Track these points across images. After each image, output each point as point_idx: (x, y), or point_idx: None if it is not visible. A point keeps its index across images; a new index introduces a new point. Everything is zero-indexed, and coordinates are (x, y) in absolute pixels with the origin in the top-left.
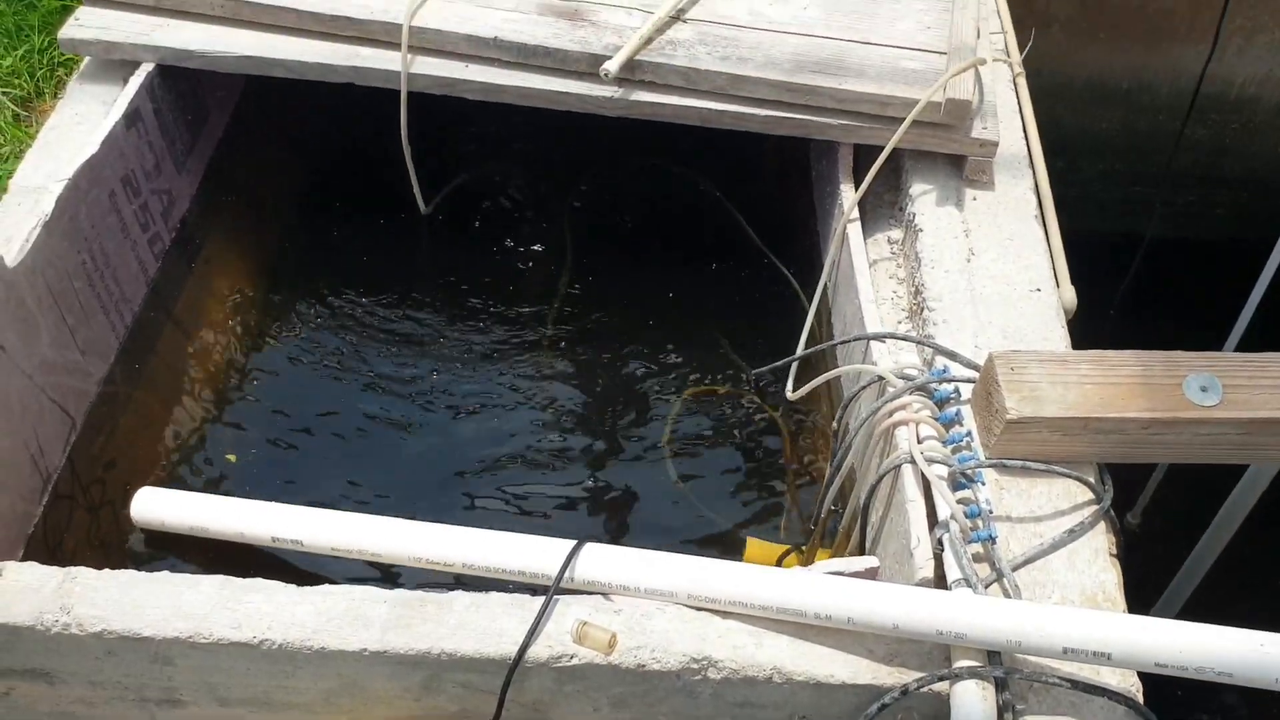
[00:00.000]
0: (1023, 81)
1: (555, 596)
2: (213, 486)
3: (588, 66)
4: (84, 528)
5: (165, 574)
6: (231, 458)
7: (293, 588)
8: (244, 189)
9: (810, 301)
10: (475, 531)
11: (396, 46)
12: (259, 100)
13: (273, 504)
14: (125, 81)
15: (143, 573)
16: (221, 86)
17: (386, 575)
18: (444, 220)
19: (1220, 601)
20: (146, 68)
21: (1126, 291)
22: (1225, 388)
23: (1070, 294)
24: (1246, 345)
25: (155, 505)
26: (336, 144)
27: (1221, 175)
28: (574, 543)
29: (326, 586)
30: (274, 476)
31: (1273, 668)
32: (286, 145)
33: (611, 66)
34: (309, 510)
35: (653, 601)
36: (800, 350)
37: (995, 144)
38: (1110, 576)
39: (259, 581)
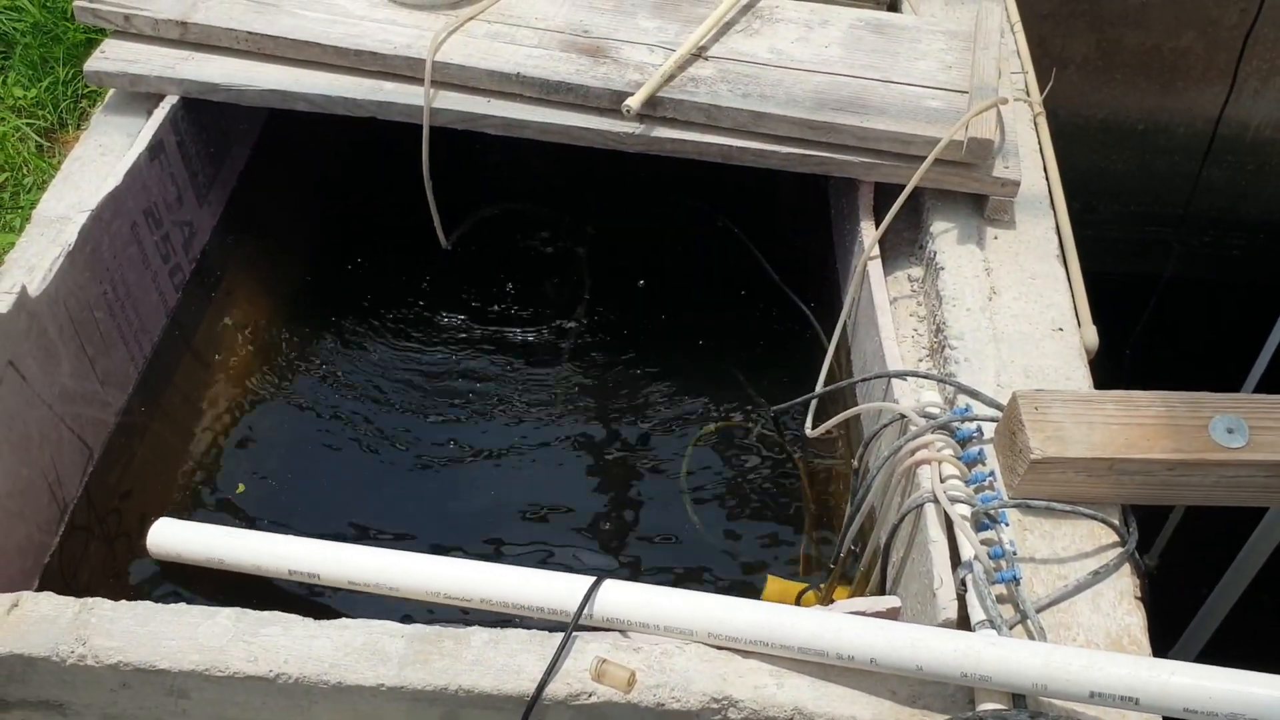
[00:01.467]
0: (1043, 121)
1: (574, 633)
2: (229, 518)
3: (610, 103)
4: (100, 559)
5: (182, 606)
6: (241, 488)
7: (310, 621)
8: (265, 222)
9: (829, 339)
10: (493, 567)
11: (419, 81)
12: (281, 133)
13: (289, 537)
14: (149, 114)
15: (159, 604)
16: (244, 119)
17: (404, 609)
18: (463, 255)
19: (1240, 645)
20: (171, 100)
21: (1143, 332)
22: (1252, 429)
23: (1092, 334)
24: (1265, 387)
25: (172, 537)
26: (357, 177)
27: (1238, 217)
28: (593, 579)
29: (344, 620)
30: (290, 509)
31: None
32: (308, 178)
33: (634, 103)
34: (326, 544)
35: (672, 640)
36: (820, 387)
37: (1017, 183)
38: (1135, 620)
39: (276, 614)
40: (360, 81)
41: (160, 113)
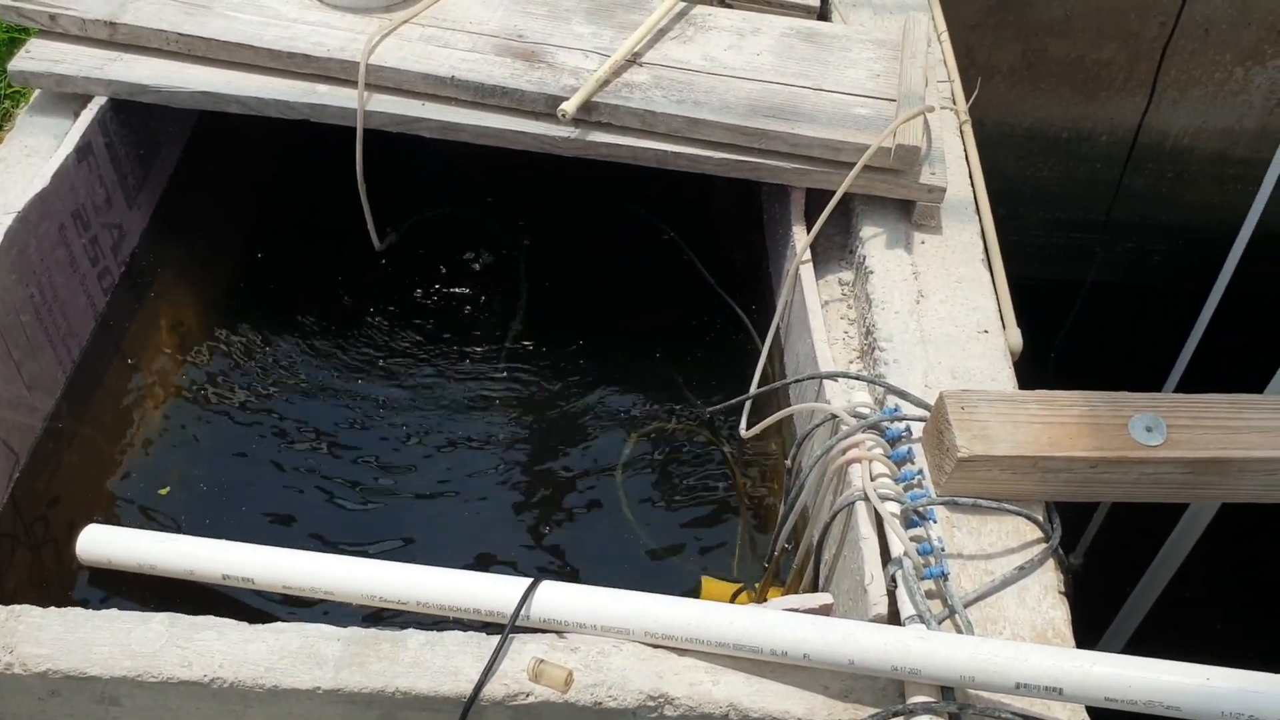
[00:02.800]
0: (969, 129)
1: (511, 634)
2: (160, 523)
3: (545, 107)
4: (27, 566)
5: (113, 612)
6: (165, 491)
7: (245, 625)
8: (196, 224)
9: (763, 341)
10: (430, 569)
11: (353, 84)
12: (212, 135)
13: (223, 542)
14: (76, 115)
15: (89, 611)
16: (174, 121)
17: (341, 612)
18: (398, 258)
19: (1163, 638)
20: (99, 101)
21: (1067, 335)
22: (1169, 428)
23: (1017, 336)
24: (1184, 388)
25: (102, 543)
26: (291, 180)
27: (1158, 223)
28: (530, 581)
29: (279, 624)
30: (223, 513)
31: (1219, 702)
32: (240, 180)
33: (569, 107)
34: (260, 548)
35: (609, 639)
36: (754, 389)
37: (943, 189)
38: (1060, 613)
39: (210, 619)
40: (293, 84)
41: (88, 114)
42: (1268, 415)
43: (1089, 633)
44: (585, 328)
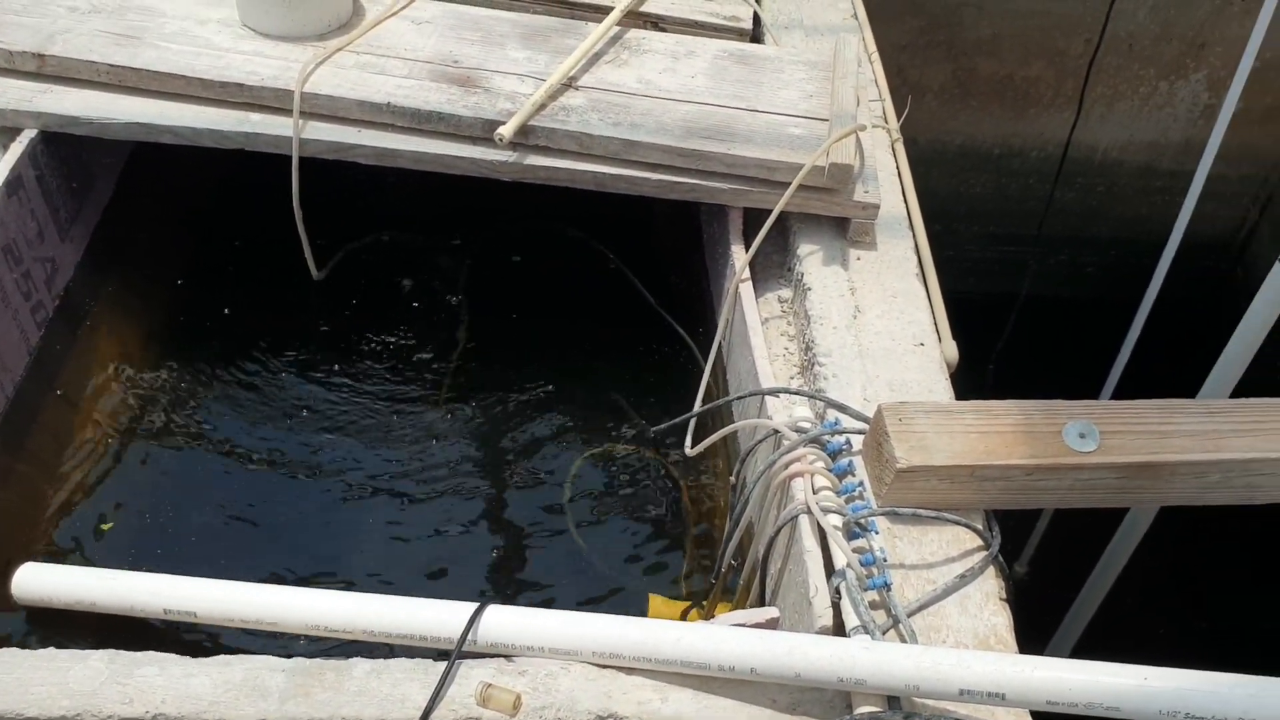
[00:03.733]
0: (901, 147)
1: (459, 660)
2: (98, 560)
3: (482, 131)
4: None
5: (50, 650)
6: (106, 526)
7: (187, 659)
8: (131, 256)
9: (706, 359)
10: (375, 598)
11: (288, 112)
12: (146, 166)
13: (164, 576)
14: (6, 148)
15: (25, 650)
16: (108, 153)
17: (286, 643)
18: (338, 286)
19: (1108, 642)
20: (29, 134)
21: (1004, 347)
22: (1102, 434)
23: (952, 348)
24: (1119, 396)
25: (39, 581)
26: (229, 210)
27: (1090, 236)
28: (476, 605)
29: (223, 657)
30: (167, 547)
31: (1156, 701)
32: (176, 211)
33: (506, 131)
34: (203, 582)
35: (557, 661)
36: (697, 407)
37: (877, 206)
38: (1001, 620)
39: (151, 654)
40: (227, 113)
41: (18, 147)
42: (1197, 420)
43: (1036, 640)
44: (528, 351)
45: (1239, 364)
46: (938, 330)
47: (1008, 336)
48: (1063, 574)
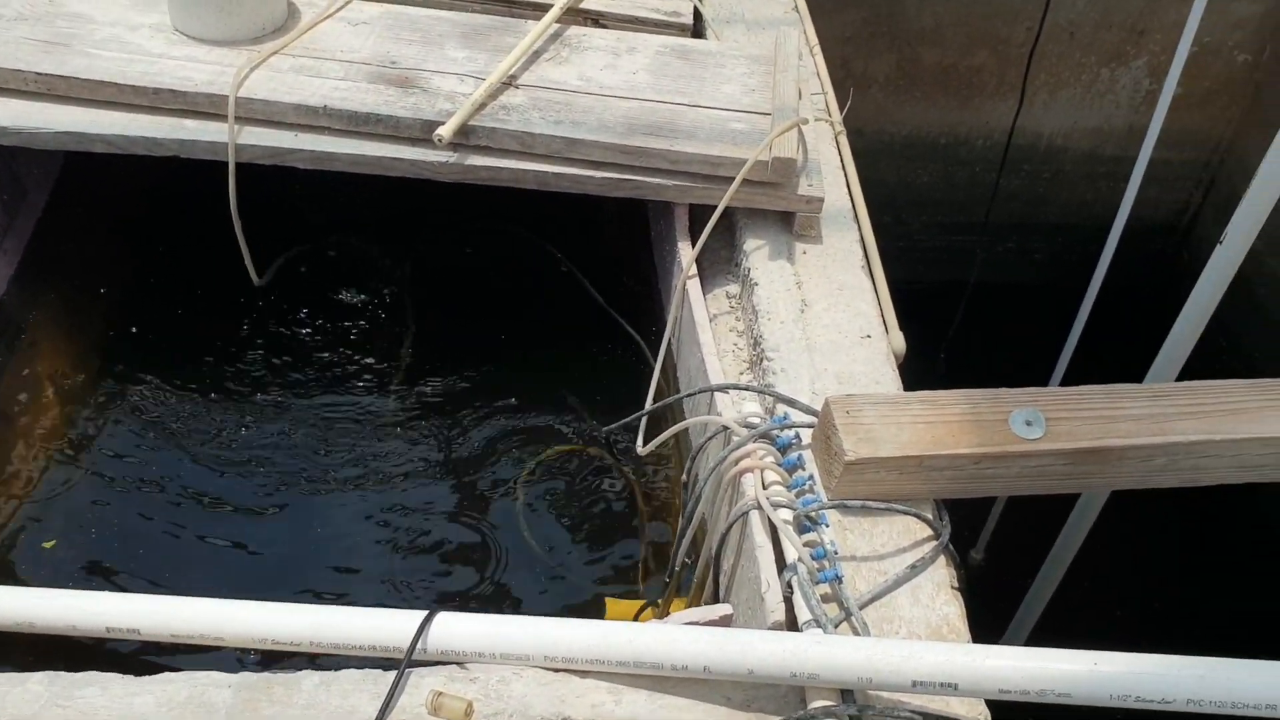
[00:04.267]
0: (844, 139)
1: (409, 669)
2: (41, 579)
3: (421, 132)
4: None
5: None
6: (51, 544)
7: (130, 678)
8: (67, 268)
9: (655, 357)
10: (323, 608)
11: (223, 118)
12: (81, 176)
13: (104, 593)
14: None
15: None
16: (39, 164)
17: (233, 658)
18: (281, 292)
19: (1065, 628)
20: None
21: (954, 336)
22: (1048, 421)
23: (899, 339)
24: (1069, 382)
25: None
26: (166, 217)
27: (1037, 223)
28: (425, 613)
29: (167, 674)
30: (107, 564)
31: (1107, 685)
32: (112, 221)
33: (445, 132)
34: (144, 597)
35: (510, 666)
36: (648, 406)
37: (821, 200)
38: (953, 609)
39: (93, 674)
40: (161, 120)
41: None
42: (1142, 404)
43: (994, 626)
44: (477, 355)
45: (1185, 347)
46: (884, 322)
47: (958, 324)
48: (1019, 559)
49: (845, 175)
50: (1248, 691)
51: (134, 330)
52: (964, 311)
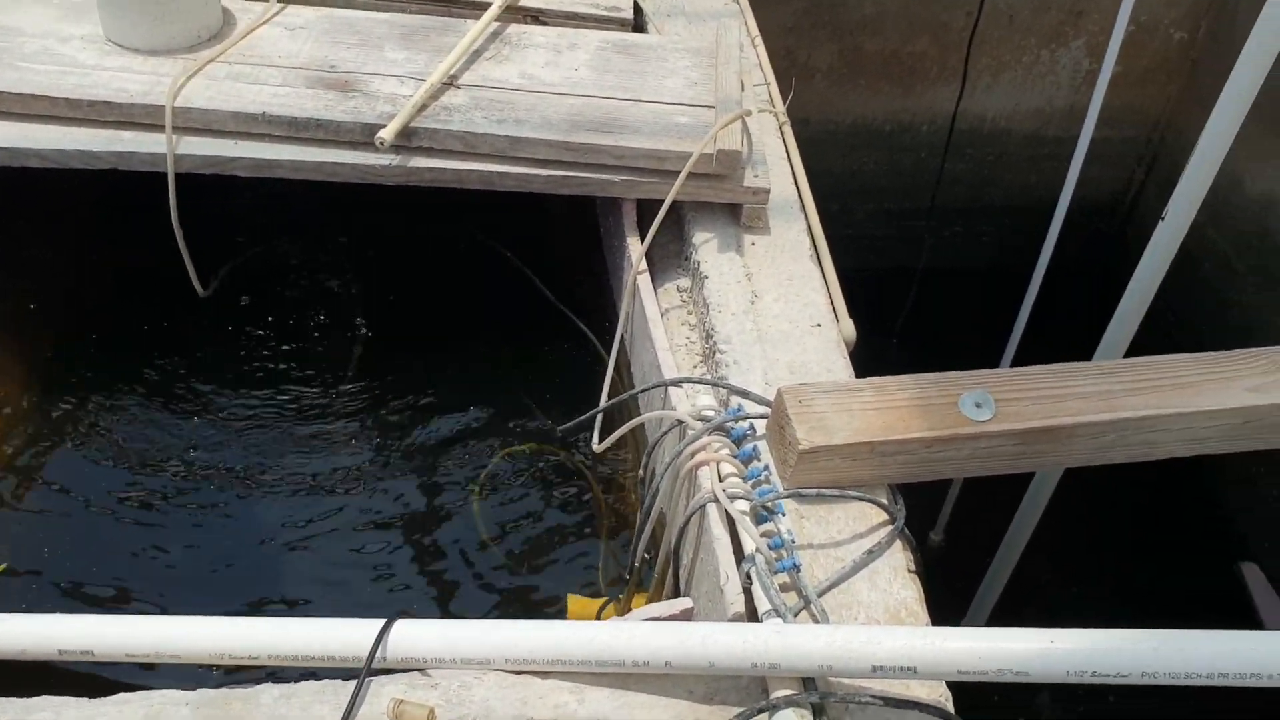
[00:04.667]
0: (789, 130)
1: (369, 678)
2: None
3: (362, 136)
4: None
5: None
6: (2, 568)
7: (84, 700)
8: (7, 287)
9: (609, 354)
10: (278, 620)
11: (160, 129)
12: (17, 192)
13: (54, 616)
14: None
15: None
16: None
17: (191, 674)
18: (228, 301)
19: (1025, 606)
20: None
21: (906, 321)
22: (998, 402)
23: (849, 326)
24: (1020, 361)
25: None
26: (108, 231)
27: (983, 206)
28: (383, 620)
29: (122, 695)
30: (59, 584)
31: (1063, 662)
32: (53, 237)
33: (386, 135)
34: (97, 618)
35: (471, 671)
36: (603, 403)
37: (767, 191)
38: (911, 592)
39: (45, 699)
40: (97, 133)
41: None
42: (1090, 381)
43: (956, 607)
44: (430, 357)
45: (1131, 323)
46: (834, 310)
47: (909, 310)
48: (979, 539)
49: (791, 165)
50: (1199, 661)
51: (80, 347)
52: (914, 297)
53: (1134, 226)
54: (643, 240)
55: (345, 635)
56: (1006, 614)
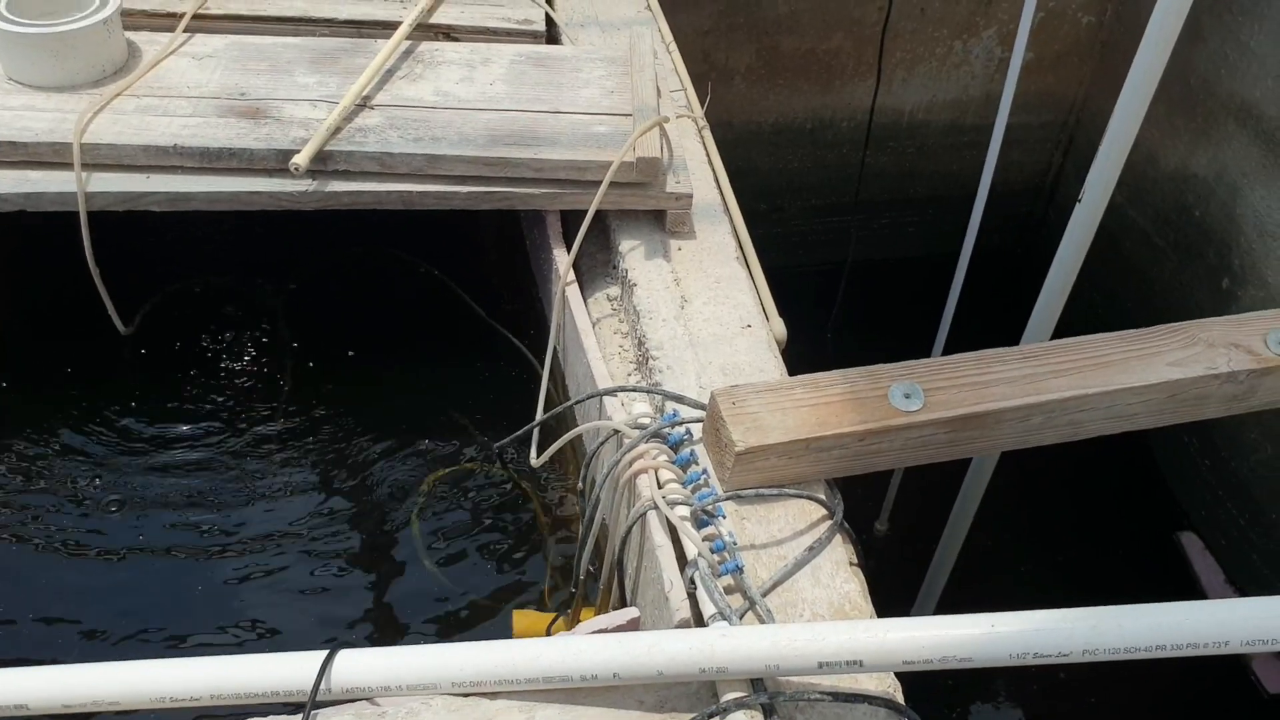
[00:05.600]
0: (708, 134)
1: (314, 711)
2: None
3: (277, 163)
4: None
5: None
6: None
7: None
8: None
9: (542, 367)
10: (218, 659)
11: (69, 166)
12: None
13: None
14: None
15: None
16: None
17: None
18: (151, 338)
19: (973, 590)
20: None
21: (837, 316)
22: (926, 391)
23: (779, 325)
24: (953, 349)
25: None
26: (24, 273)
27: (907, 197)
28: (326, 652)
29: None
30: None
31: (1005, 646)
32: None
33: (301, 160)
34: (27, 670)
35: (418, 697)
36: (539, 416)
37: (690, 195)
38: (854, 586)
39: None
40: (3, 174)
41: None
42: (1014, 366)
43: (905, 595)
44: (360, 381)
45: (1056, 305)
46: (764, 310)
47: (840, 304)
48: (923, 527)
49: (712, 169)
50: (1137, 635)
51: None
52: (844, 290)
53: (1055, 209)
54: (569, 251)
55: (288, 669)
56: (955, 599)
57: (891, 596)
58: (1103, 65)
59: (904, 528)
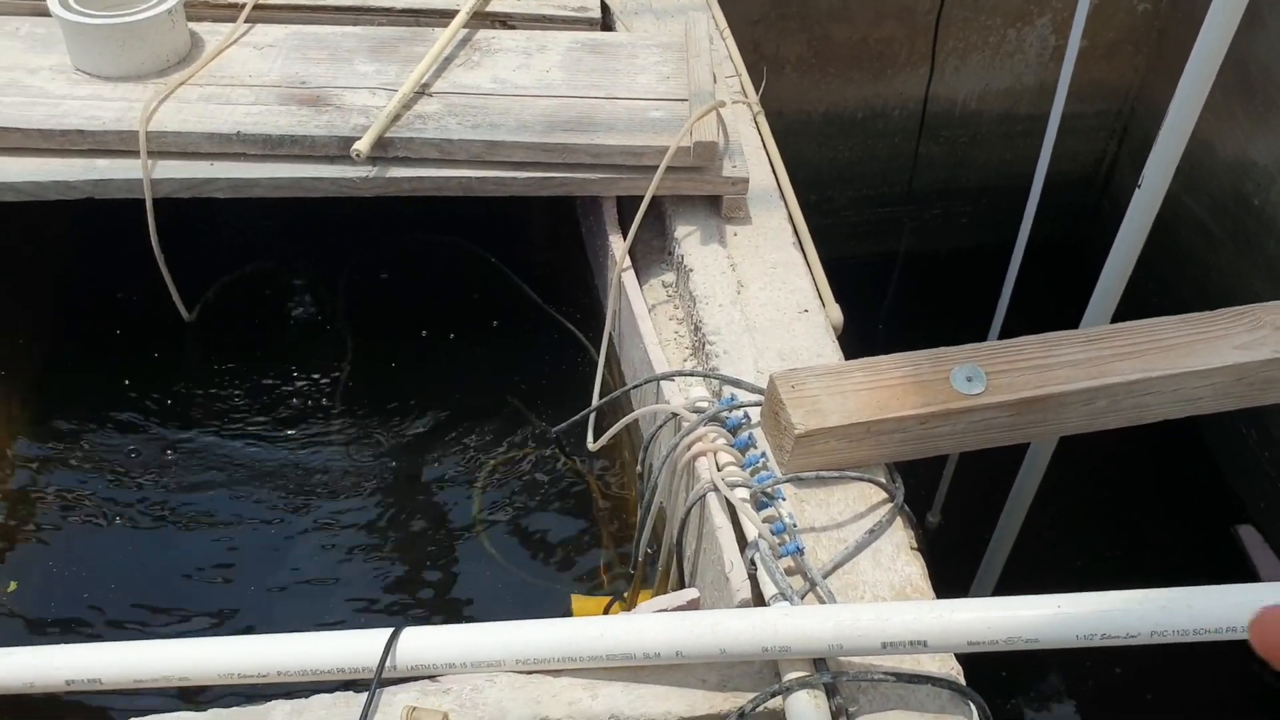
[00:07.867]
0: (763, 119)
1: (379, 688)
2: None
3: (338, 150)
4: None
5: None
6: (13, 586)
7: None
8: None
9: (598, 352)
10: (286, 636)
11: (135, 154)
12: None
13: (60, 646)
14: None
15: None
16: None
17: (199, 695)
18: (213, 325)
19: (1026, 580)
20: None
21: (890, 306)
22: (988, 374)
23: (836, 311)
24: (1005, 337)
25: None
26: (89, 261)
27: (960, 187)
28: (390, 630)
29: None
30: (63, 610)
31: (1072, 627)
32: (33, 270)
33: (362, 146)
34: (103, 646)
35: (482, 674)
36: (595, 401)
37: (746, 180)
38: (915, 568)
39: None
40: (71, 162)
41: None
42: (1078, 349)
43: (958, 586)
44: (417, 367)
45: (1114, 293)
46: (820, 295)
47: (892, 296)
48: (977, 517)
49: (767, 154)
50: (1209, 617)
51: (66, 378)
52: (897, 281)
53: (1109, 198)
54: (625, 237)
55: (354, 647)
56: (1010, 589)
57: (944, 590)
58: (1159, 52)
59: (957, 519)
